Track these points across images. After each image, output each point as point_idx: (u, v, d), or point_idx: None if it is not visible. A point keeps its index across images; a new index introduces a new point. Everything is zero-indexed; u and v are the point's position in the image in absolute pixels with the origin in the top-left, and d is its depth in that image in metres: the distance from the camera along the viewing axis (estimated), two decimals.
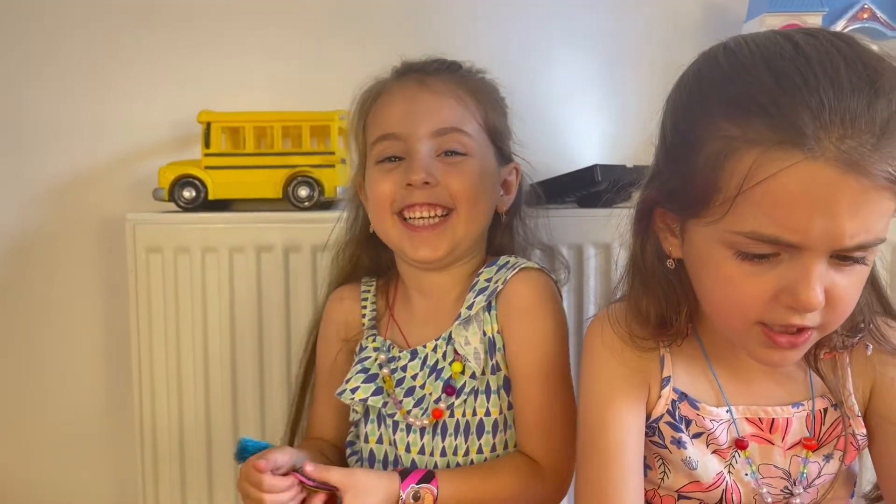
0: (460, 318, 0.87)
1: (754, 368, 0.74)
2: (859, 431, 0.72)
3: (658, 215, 0.71)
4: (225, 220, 1.18)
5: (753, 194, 0.59)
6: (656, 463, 0.76)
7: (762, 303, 0.62)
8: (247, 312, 1.19)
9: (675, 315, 0.72)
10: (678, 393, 0.74)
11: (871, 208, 0.58)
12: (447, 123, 0.88)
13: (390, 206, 0.88)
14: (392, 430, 0.88)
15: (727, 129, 0.60)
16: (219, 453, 1.21)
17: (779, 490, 0.73)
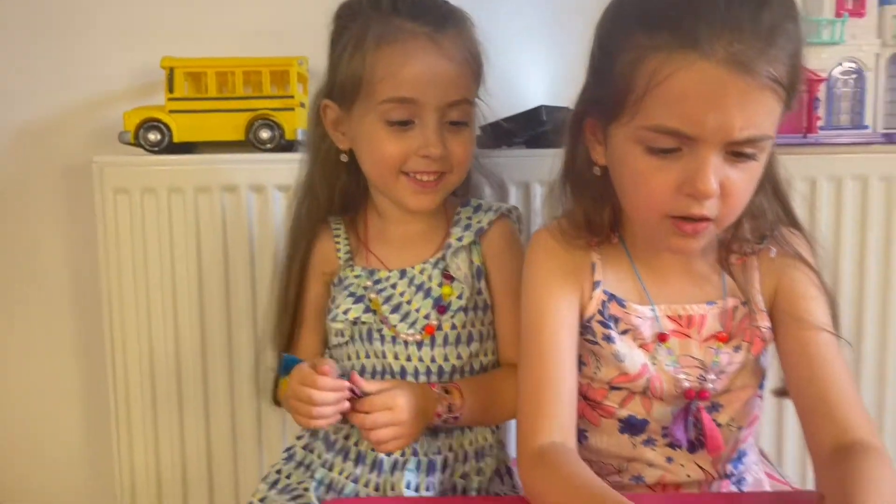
0: (452, 248, 0.96)
1: (674, 271, 0.84)
2: (764, 325, 0.82)
3: (587, 126, 0.81)
4: (190, 161, 1.24)
5: (658, 93, 0.69)
6: (590, 359, 0.85)
7: (668, 194, 0.72)
8: (212, 250, 1.25)
9: (600, 216, 0.82)
10: (608, 294, 0.83)
11: (756, 105, 0.68)
12: (460, 95, 0.93)
13: (398, 167, 0.93)
14: (380, 343, 0.96)
15: (639, 39, 0.70)
16: (188, 388, 1.27)
17: (695, 377, 0.82)
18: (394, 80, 0.89)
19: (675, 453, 0.85)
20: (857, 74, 1.28)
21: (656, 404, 0.84)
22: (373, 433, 0.84)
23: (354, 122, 0.94)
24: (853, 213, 1.27)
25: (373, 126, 0.92)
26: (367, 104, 0.92)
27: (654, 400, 0.83)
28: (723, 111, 0.68)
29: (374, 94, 0.91)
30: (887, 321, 1.29)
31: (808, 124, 1.26)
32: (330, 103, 0.96)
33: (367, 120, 0.92)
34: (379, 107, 0.91)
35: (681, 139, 0.70)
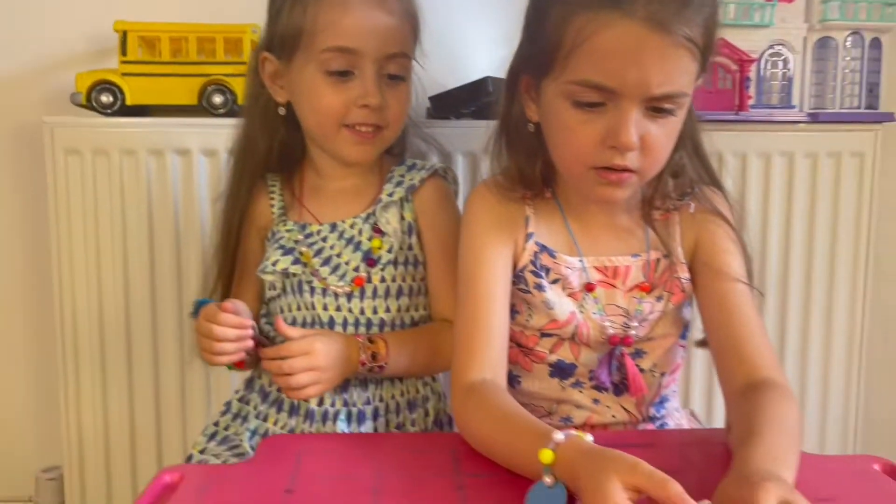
0: (382, 203, 0.99)
1: (602, 225, 0.89)
2: (683, 276, 0.88)
3: (522, 84, 0.85)
4: (143, 124, 1.25)
5: (584, 49, 0.74)
6: (523, 307, 0.90)
7: (593, 146, 0.77)
8: (164, 212, 1.27)
9: (533, 170, 0.87)
10: (539, 246, 0.88)
11: (673, 63, 0.74)
12: (398, 48, 0.96)
13: (339, 119, 0.95)
14: (310, 294, 0.98)
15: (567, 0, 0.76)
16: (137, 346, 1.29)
17: (619, 325, 0.88)
18: (334, 29, 0.92)
19: (601, 395, 0.91)
20: (786, 56, 1.36)
21: (584, 350, 0.89)
22: (292, 378, 0.87)
23: (294, 74, 0.96)
24: (780, 186, 1.35)
25: (312, 77, 0.94)
26: (306, 55, 0.94)
27: (582, 346, 0.89)
28: (642, 67, 0.73)
29: (314, 45, 0.93)
30: (811, 285, 1.38)
31: (739, 102, 1.33)
32: (269, 56, 0.98)
33: (307, 71, 0.94)
34: (319, 56, 0.93)
35: (604, 93, 0.75)
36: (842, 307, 1.39)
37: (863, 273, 1.38)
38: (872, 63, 1.37)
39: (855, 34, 1.36)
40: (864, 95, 1.38)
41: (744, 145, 1.33)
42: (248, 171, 1.04)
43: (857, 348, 1.40)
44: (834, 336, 1.39)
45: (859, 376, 1.41)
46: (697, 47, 0.75)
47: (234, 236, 1.05)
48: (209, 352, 0.88)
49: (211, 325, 0.87)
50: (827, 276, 1.38)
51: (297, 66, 0.95)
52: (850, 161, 1.35)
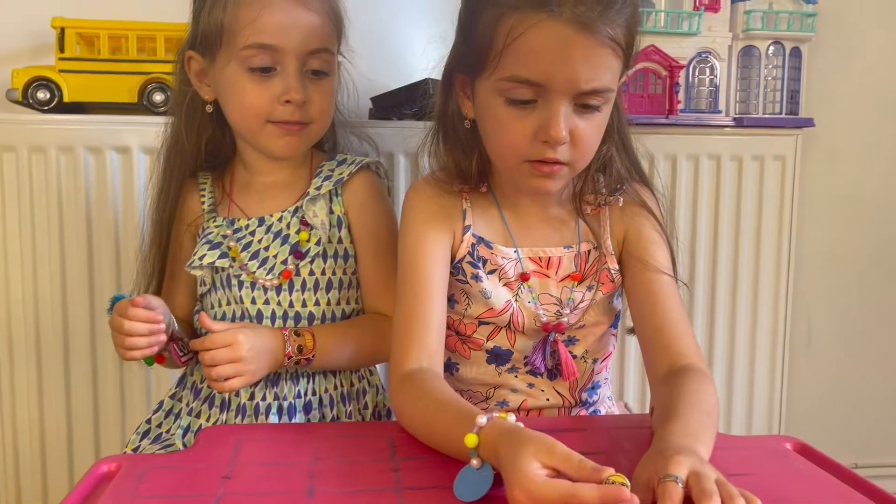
0: (309, 196, 1.00)
1: (536, 218, 0.93)
2: (613, 267, 0.93)
3: (457, 82, 0.89)
4: (81, 121, 1.24)
5: (514, 48, 0.78)
6: (461, 297, 0.93)
7: (526, 141, 0.81)
8: (102, 210, 1.26)
9: (469, 165, 0.91)
10: (476, 237, 0.91)
11: (599, 61, 0.78)
12: (320, 44, 0.97)
13: (264, 116, 0.96)
14: (238, 288, 0.99)
15: (498, 1, 0.79)
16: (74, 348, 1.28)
17: (552, 313, 0.92)
18: (255, 26, 0.93)
19: (536, 380, 0.94)
20: (713, 63, 1.42)
21: (519, 337, 0.92)
22: (214, 370, 0.88)
23: (218, 72, 0.97)
24: (708, 187, 1.42)
25: (235, 74, 0.95)
26: (229, 52, 0.95)
27: (517, 333, 0.92)
28: (570, 65, 0.77)
29: (235, 42, 0.94)
30: (738, 280, 1.45)
31: (669, 107, 1.39)
32: (193, 54, 0.99)
33: (230, 68, 0.95)
34: (240, 53, 0.94)
35: (535, 89, 0.79)
36: (766, 301, 1.46)
37: (785, 268, 1.46)
38: (793, 71, 1.45)
39: (776, 43, 1.44)
40: (786, 102, 1.45)
41: (674, 148, 1.40)
42: (178, 170, 1.05)
43: (780, 339, 1.48)
44: (759, 328, 1.47)
45: (783, 365, 1.49)
46: (620, 46, 0.79)
47: (164, 234, 1.06)
48: (120, 346, 0.88)
49: (121, 319, 0.87)
50: (752, 271, 1.45)
51: (221, 64, 0.96)
52: (772, 164, 1.43)
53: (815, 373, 1.60)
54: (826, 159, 1.54)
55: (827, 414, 1.62)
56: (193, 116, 1.03)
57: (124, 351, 0.88)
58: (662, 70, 1.38)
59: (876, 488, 0.68)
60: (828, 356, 1.61)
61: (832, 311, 1.60)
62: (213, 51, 0.97)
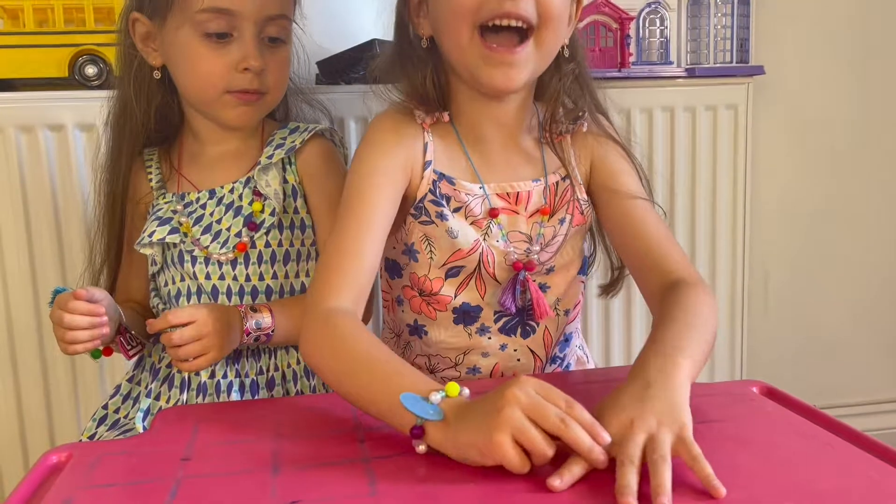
0: (260, 165, 0.96)
1: (500, 151, 0.89)
2: (582, 197, 0.91)
3: (411, 3, 0.86)
4: (9, 99, 1.18)
5: None
6: (423, 246, 0.89)
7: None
8: (39, 192, 1.20)
9: (423, 81, 0.87)
10: (438, 174, 0.87)
11: None
12: (278, 10, 0.93)
13: (222, 86, 0.91)
14: (192, 264, 0.95)
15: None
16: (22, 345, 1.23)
17: (522, 251, 0.89)
18: None
19: (508, 340, 0.92)
20: (662, 14, 1.41)
21: (489, 287, 0.89)
22: (181, 350, 0.84)
23: (168, 36, 0.92)
24: (663, 139, 1.41)
25: (188, 39, 0.91)
26: (181, 16, 0.90)
27: (488, 279, 0.89)
28: None
29: (189, 5, 0.89)
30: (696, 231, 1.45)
31: (621, 60, 1.37)
32: (139, 16, 0.94)
33: (182, 33, 0.91)
34: (195, 16, 0.89)
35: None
36: (724, 252, 1.47)
37: (742, 218, 1.47)
38: (742, 20, 1.44)
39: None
40: (736, 51, 1.45)
41: (627, 101, 1.38)
42: (128, 141, 1.00)
43: (739, 290, 1.50)
44: (718, 279, 1.48)
45: (742, 316, 1.51)
46: None
47: (118, 212, 1.01)
48: (62, 340, 0.85)
49: (61, 312, 0.84)
50: (709, 222, 1.46)
51: (172, 28, 0.91)
52: (725, 113, 1.43)
53: (773, 321, 1.63)
54: (778, 106, 1.54)
55: (787, 360, 1.64)
56: (140, 83, 0.97)
57: (66, 345, 0.85)
58: (613, 23, 1.36)
59: (842, 424, 0.69)
60: (785, 303, 1.63)
61: (788, 259, 1.62)
62: (162, 13, 0.91)
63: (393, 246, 0.91)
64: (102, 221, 1.02)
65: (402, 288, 0.93)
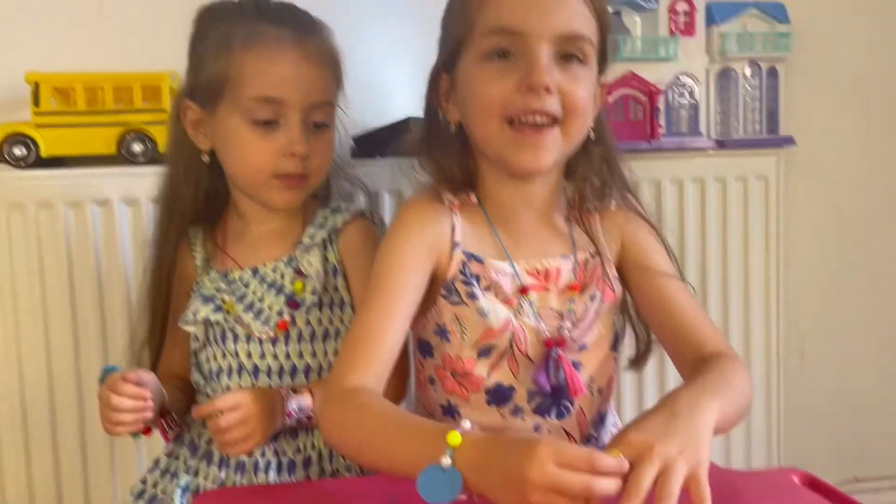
0: (303, 245, 0.99)
1: (529, 228, 0.91)
2: (612, 274, 0.91)
3: (441, 88, 0.90)
4: (59, 175, 1.22)
5: (486, 6, 0.82)
6: (454, 326, 0.89)
7: (506, 94, 0.81)
8: (85, 266, 1.23)
9: (451, 164, 0.89)
10: (467, 254, 0.88)
11: (570, 5, 0.82)
12: (323, 97, 0.97)
13: (266, 169, 0.95)
14: (233, 342, 0.97)
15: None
16: (63, 415, 1.24)
17: (554, 328, 0.89)
18: (261, 79, 0.93)
19: (542, 421, 0.91)
20: (691, 87, 1.43)
21: (522, 366, 0.89)
22: (226, 434, 0.85)
23: (218, 123, 0.96)
24: (694, 210, 1.42)
25: (237, 126, 0.94)
26: (231, 104, 0.94)
27: (520, 358, 0.89)
28: (542, 7, 0.80)
29: (239, 94, 0.93)
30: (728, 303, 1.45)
31: (651, 131, 1.39)
32: (191, 104, 0.98)
33: (232, 120, 0.95)
34: (245, 105, 0.93)
35: (512, 38, 0.81)
36: (758, 322, 1.46)
37: (775, 287, 1.46)
38: (771, 91, 1.46)
39: (753, 64, 1.45)
40: (766, 121, 1.46)
41: (658, 172, 1.40)
42: (176, 220, 1.04)
43: (774, 359, 1.48)
44: (752, 349, 1.46)
45: (778, 384, 1.48)
46: (591, 1, 0.83)
47: (164, 289, 1.04)
48: (107, 420, 0.87)
49: (109, 393, 0.86)
50: (742, 293, 1.45)
51: (222, 115, 0.95)
52: (756, 183, 1.43)
53: (809, 389, 1.60)
54: (809, 176, 1.55)
55: (824, 429, 1.61)
56: (189, 166, 1.01)
57: (110, 426, 0.87)
58: (642, 96, 1.39)
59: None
60: (822, 372, 1.61)
61: (824, 327, 1.60)
62: (213, 101, 0.95)
63: (424, 326, 0.92)
64: (148, 298, 1.05)
65: (435, 368, 0.94)
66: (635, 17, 1.42)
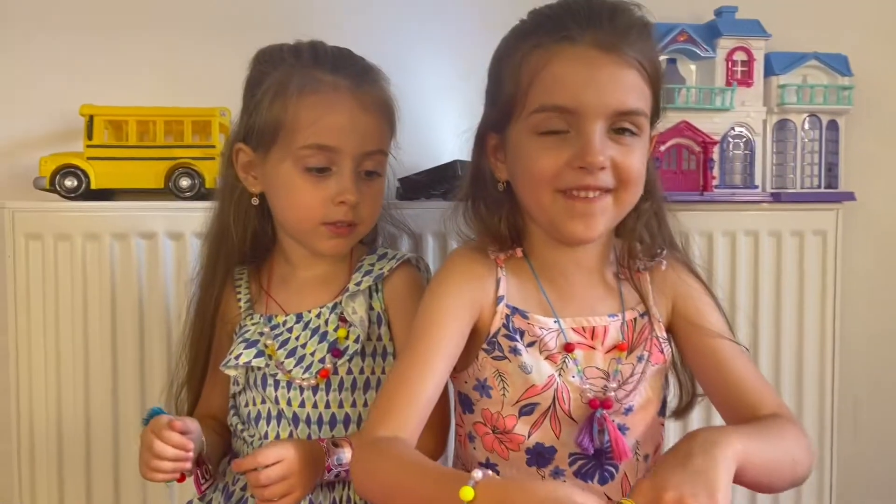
0: (349, 292, 0.97)
1: (577, 285, 0.89)
2: (661, 335, 0.89)
3: (489, 146, 0.88)
4: (107, 207, 1.23)
5: (540, 79, 0.80)
6: (497, 382, 0.87)
7: (558, 168, 0.80)
8: (128, 298, 1.23)
9: (497, 222, 0.89)
10: (511, 308, 0.87)
11: (625, 80, 0.79)
12: (375, 146, 0.97)
13: (316, 216, 0.94)
14: (274, 388, 0.96)
15: (521, 46, 0.82)
16: (98, 447, 1.24)
17: (599, 388, 0.86)
18: (315, 127, 0.92)
19: (584, 485, 0.88)
20: (747, 138, 1.39)
21: (565, 426, 0.86)
22: (266, 490, 0.83)
23: (269, 168, 0.96)
24: (746, 264, 1.37)
25: (289, 172, 0.94)
26: (285, 150, 0.94)
27: (563, 418, 0.86)
28: (597, 86, 0.78)
29: (293, 140, 0.93)
30: (780, 362, 1.38)
31: (704, 183, 1.35)
32: (244, 147, 0.98)
33: (284, 166, 0.94)
34: (298, 152, 0.93)
35: (566, 117, 0.79)
36: (811, 383, 1.40)
37: (830, 348, 1.40)
38: (830, 144, 1.41)
39: (812, 116, 1.40)
40: (824, 175, 1.41)
41: (709, 224, 1.35)
42: (223, 260, 1.03)
43: (827, 422, 1.41)
44: (805, 411, 1.40)
45: (831, 449, 1.42)
46: (646, 70, 0.80)
47: (207, 329, 1.04)
48: (145, 465, 0.86)
49: (153, 438, 0.85)
50: (795, 352, 1.39)
51: (274, 160, 0.95)
52: (812, 239, 1.38)
53: (863, 456, 1.52)
54: (868, 233, 1.49)
55: (879, 490, 1.53)
56: (239, 207, 1.01)
57: (148, 470, 0.86)
58: (695, 146, 1.35)
59: None
60: (876, 438, 1.53)
61: (879, 391, 1.53)
62: (266, 146, 0.95)
63: (465, 381, 0.90)
64: (190, 338, 1.05)
65: (474, 424, 0.91)
66: (691, 66, 1.39)
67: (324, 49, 0.98)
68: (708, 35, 1.37)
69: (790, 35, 1.41)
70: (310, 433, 0.95)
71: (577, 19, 0.79)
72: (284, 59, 0.96)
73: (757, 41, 1.37)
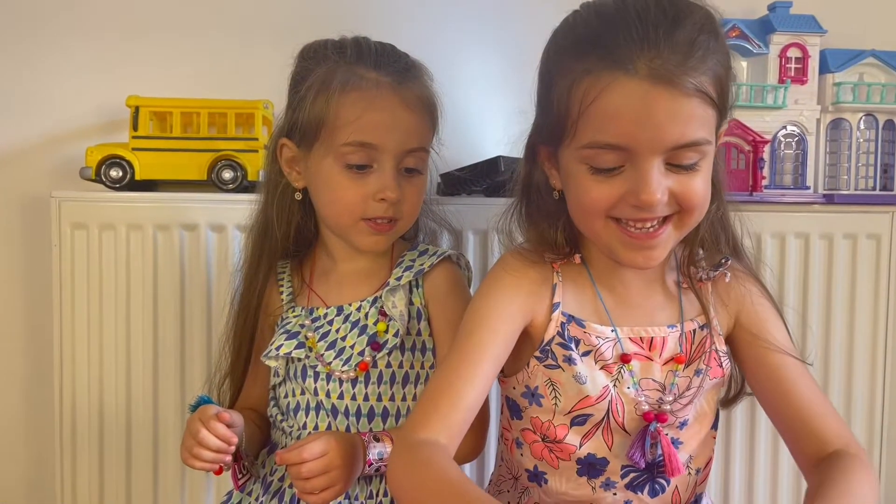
0: (389, 286, 0.97)
1: (636, 294, 0.86)
2: (722, 349, 0.85)
3: (542, 154, 0.84)
4: (150, 198, 1.24)
5: (591, 112, 0.73)
6: (548, 391, 0.85)
7: (612, 201, 0.75)
8: (170, 288, 1.24)
9: (554, 233, 0.85)
10: (566, 316, 0.84)
11: (685, 113, 0.72)
12: (417, 143, 0.96)
13: (358, 213, 0.94)
14: (314, 379, 0.96)
15: (571, 64, 0.75)
16: (138, 436, 1.25)
17: (654, 400, 0.84)
18: (357, 124, 0.92)
19: (634, 497, 0.86)
20: (800, 138, 1.35)
21: (617, 437, 0.84)
22: (308, 483, 0.82)
23: (312, 163, 0.96)
24: (796, 267, 1.33)
25: (331, 168, 0.94)
26: (327, 146, 0.94)
27: (616, 430, 0.84)
28: (652, 122, 0.71)
29: (335, 137, 0.93)
30: (829, 368, 1.34)
31: (753, 183, 1.32)
32: (287, 142, 0.98)
33: (326, 162, 0.94)
34: (339, 149, 0.93)
35: (619, 154, 0.73)
36: (861, 389, 1.35)
37: (882, 355, 1.35)
38: (887, 145, 1.37)
39: (868, 116, 1.36)
40: (879, 177, 1.37)
41: (758, 225, 1.31)
42: (267, 254, 1.03)
43: (878, 429, 1.37)
44: (854, 417, 1.36)
45: (881, 452, 1.37)
46: (708, 95, 0.73)
47: (251, 322, 1.04)
48: (187, 450, 0.87)
49: (200, 426, 0.86)
50: (846, 359, 1.35)
51: (317, 156, 0.95)
52: (866, 243, 1.33)
53: None
54: None
55: None
56: (283, 202, 1.02)
57: (189, 457, 0.86)
58: (745, 145, 1.32)
59: None
60: None
61: None
62: (309, 142, 0.95)
63: (513, 386, 0.88)
64: (233, 330, 1.05)
65: (522, 431, 0.89)
66: (742, 63, 1.35)
67: (367, 45, 0.97)
68: (761, 31, 1.34)
69: (847, 31, 1.37)
70: (348, 425, 0.95)
71: (630, 39, 0.71)
72: (328, 55, 0.96)
73: (812, 37, 1.33)
